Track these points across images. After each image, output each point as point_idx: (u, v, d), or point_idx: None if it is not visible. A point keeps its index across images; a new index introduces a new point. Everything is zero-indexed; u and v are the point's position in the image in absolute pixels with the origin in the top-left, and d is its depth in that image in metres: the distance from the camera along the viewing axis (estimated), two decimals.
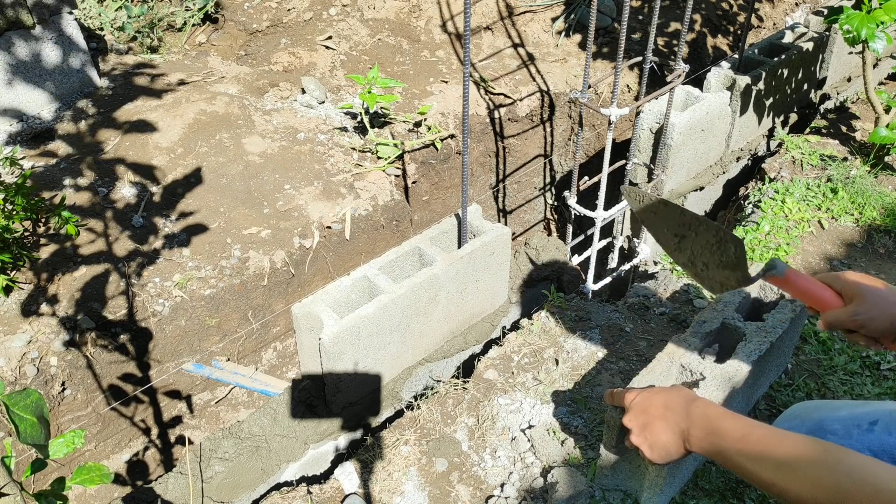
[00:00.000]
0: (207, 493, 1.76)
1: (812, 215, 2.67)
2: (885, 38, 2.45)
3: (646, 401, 1.24)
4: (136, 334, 2.28)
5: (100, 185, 2.65)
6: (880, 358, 2.00)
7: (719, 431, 1.10)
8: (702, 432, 1.13)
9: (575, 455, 1.70)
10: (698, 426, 1.14)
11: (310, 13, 3.76)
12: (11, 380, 2.06)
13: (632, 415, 1.26)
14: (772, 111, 3.31)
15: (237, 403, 2.60)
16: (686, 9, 2.44)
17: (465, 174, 1.94)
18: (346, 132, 3.07)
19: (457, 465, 1.75)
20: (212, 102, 3.05)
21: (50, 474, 2.18)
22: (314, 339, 1.79)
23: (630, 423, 1.26)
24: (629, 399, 1.29)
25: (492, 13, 3.84)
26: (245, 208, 2.62)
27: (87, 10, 3.48)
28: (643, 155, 2.97)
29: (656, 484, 1.45)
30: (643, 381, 1.51)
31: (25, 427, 0.88)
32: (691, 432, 1.15)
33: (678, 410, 1.18)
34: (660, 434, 1.20)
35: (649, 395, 1.25)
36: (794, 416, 1.41)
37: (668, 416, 1.19)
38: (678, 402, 1.20)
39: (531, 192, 3.70)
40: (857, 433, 1.29)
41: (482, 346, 2.26)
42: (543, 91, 3.50)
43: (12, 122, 2.88)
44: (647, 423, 1.22)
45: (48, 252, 2.36)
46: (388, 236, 2.81)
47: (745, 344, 1.61)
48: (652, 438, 1.22)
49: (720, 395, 1.49)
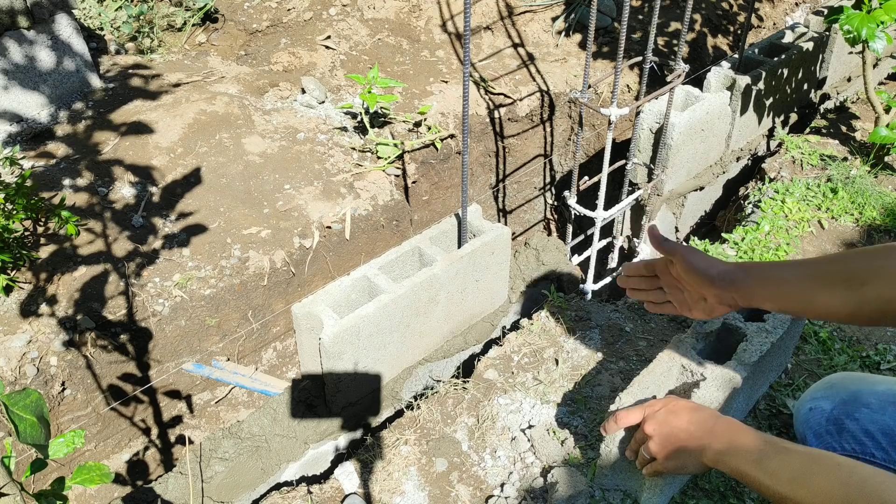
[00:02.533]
0: (207, 493, 1.76)
1: (812, 215, 2.67)
2: (885, 38, 2.45)
3: (670, 413, 1.26)
4: (135, 334, 2.28)
5: (99, 185, 2.65)
6: (880, 358, 2.00)
7: (738, 448, 1.12)
8: (721, 447, 1.15)
9: (575, 455, 1.70)
10: (719, 441, 1.16)
11: (310, 13, 3.76)
12: (11, 380, 2.06)
13: (654, 423, 1.28)
14: (772, 111, 3.31)
15: (237, 403, 2.60)
16: (686, 8, 2.44)
17: (465, 174, 1.93)
18: (346, 132, 3.07)
19: (457, 465, 1.75)
20: (211, 102, 3.04)
21: (50, 474, 2.18)
22: (314, 339, 1.79)
23: (653, 432, 1.27)
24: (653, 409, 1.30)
25: (492, 13, 3.84)
26: (245, 208, 2.62)
27: (86, 9, 3.48)
28: (643, 155, 2.97)
29: (656, 484, 1.45)
30: (644, 382, 1.51)
31: (25, 427, 0.88)
32: (712, 446, 1.16)
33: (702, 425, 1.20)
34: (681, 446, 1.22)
35: (675, 409, 1.26)
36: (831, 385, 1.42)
37: (692, 430, 1.21)
38: (701, 417, 1.21)
39: (531, 192, 3.70)
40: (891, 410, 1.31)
41: (482, 346, 2.26)
42: (543, 91, 3.50)
43: (11, 122, 2.88)
44: (670, 433, 1.24)
45: (48, 252, 2.36)
46: (388, 236, 2.81)
47: (747, 344, 1.61)
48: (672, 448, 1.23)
49: (721, 395, 1.49)
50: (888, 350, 2.02)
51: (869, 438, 1.32)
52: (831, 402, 1.40)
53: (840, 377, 1.44)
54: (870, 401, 1.33)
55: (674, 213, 3.23)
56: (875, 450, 1.31)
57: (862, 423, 1.33)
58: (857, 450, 1.34)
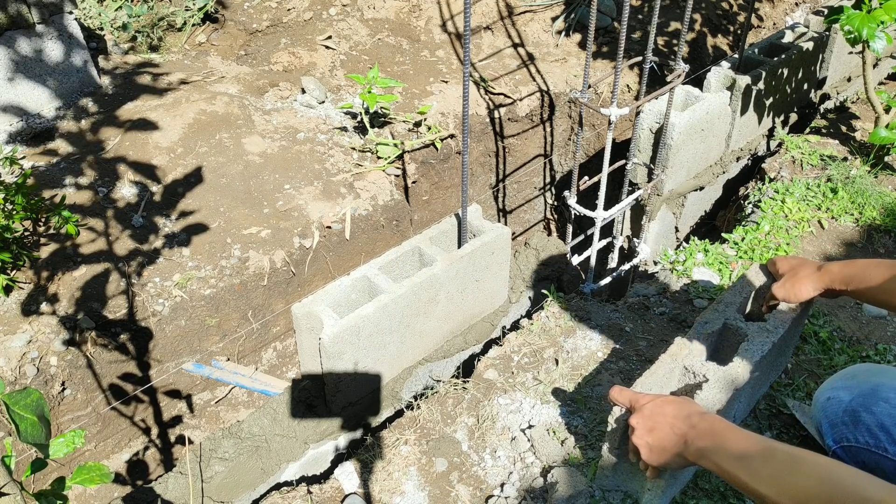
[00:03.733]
0: (207, 493, 1.76)
1: (812, 215, 2.67)
2: (885, 38, 2.45)
3: (658, 407, 1.29)
4: (136, 334, 2.28)
5: (100, 184, 2.65)
6: (880, 358, 2.00)
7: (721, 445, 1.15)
8: (704, 444, 1.17)
9: (575, 455, 1.70)
10: (702, 438, 1.18)
11: (310, 13, 3.76)
12: (11, 379, 2.06)
13: (640, 416, 1.31)
14: (772, 111, 3.31)
15: (237, 403, 2.60)
16: (686, 8, 2.44)
17: (465, 174, 1.93)
18: (346, 132, 3.07)
19: (457, 465, 1.75)
20: (212, 102, 3.04)
21: (50, 474, 2.18)
22: (314, 339, 1.79)
23: (637, 424, 1.30)
24: (642, 402, 1.32)
25: (492, 13, 3.84)
26: (245, 208, 2.62)
27: (87, 9, 3.48)
28: (643, 155, 2.97)
29: (658, 486, 1.45)
30: (646, 383, 1.51)
31: (26, 426, 0.88)
32: (694, 442, 1.19)
33: (686, 420, 1.23)
34: (663, 439, 1.25)
35: (662, 403, 1.29)
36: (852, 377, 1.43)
37: (675, 423, 1.24)
38: (688, 412, 1.24)
39: (531, 192, 3.70)
40: None
41: (482, 345, 2.26)
42: (543, 91, 3.50)
43: (12, 121, 2.88)
44: (653, 427, 1.27)
45: (48, 252, 2.36)
46: (388, 236, 2.81)
47: (748, 344, 1.61)
48: (654, 442, 1.27)
49: (723, 396, 1.49)
50: (888, 350, 2.02)
51: (883, 433, 1.32)
52: (850, 393, 1.40)
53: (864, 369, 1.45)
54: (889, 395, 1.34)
55: (674, 213, 3.23)
56: (888, 444, 1.31)
57: (878, 416, 1.33)
58: (871, 443, 1.34)
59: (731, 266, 2.41)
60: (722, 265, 2.42)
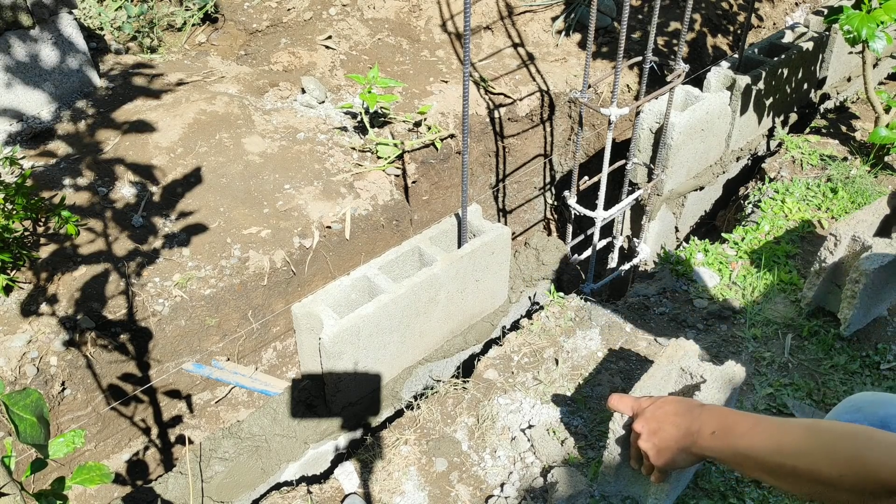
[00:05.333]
0: (207, 493, 1.76)
1: (812, 215, 2.67)
2: (885, 38, 2.45)
3: (658, 408, 1.29)
4: (135, 334, 2.28)
5: (99, 184, 2.65)
6: (880, 358, 2.00)
7: (730, 425, 1.14)
8: (713, 428, 1.16)
9: (575, 455, 1.70)
10: (708, 424, 1.17)
11: (310, 13, 3.76)
12: (11, 380, 2.06)
13: (643, 420, 1.30)
14: (772, 111, 3.31)
15: (237, 403, 2.60)
16: (686, 8, 2.44)
17: (465, 174, 1.93)
18: (346, 132, 3.07)
19: (457, 465, 1.75)
20: (212, 102, 3.04)
21: (50, 474, 2.18)
22: (314, 339, 1.78)
23: (641, 428, 1.30)
24: (641, 406, 1.32)
25: (492, 13, 3.84)
26: (245, 208, 2.62)
27: (86, 9, 3.48)
28: (643, 155, 2.97)
29: (662, 490, 1.45)
30: (645, 386, 1.51)
31: (25, 427, 0.88)
32: (701, 431, 1.18)
33: (688, 414, 1.22)
34: (668, 438, 1.24)
35: (662, 403, 1.29)
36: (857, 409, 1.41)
37: (678, 420, 1.24)
38: (688, 406, 1.24)
39: (531, 192, 3.70)
40: None
41: (482, 345, 2.26)
42: (543, 91, 3.50)
43: (12, 122, 2.88)
44: (657, 428, 1.27)
45: (48, 252, 2.36)
46: (388, 236, 2.81)
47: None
48: (660, 442, 1.26)
49: (722, 396, 1.49)
50: (888, 350, 2.02)
51: None
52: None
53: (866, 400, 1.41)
54: None
55: (674, 212, 3.23)
56: None
57: None
58: None
59: (731, 266, 2.41)
60: (722, 265, 2.42)
